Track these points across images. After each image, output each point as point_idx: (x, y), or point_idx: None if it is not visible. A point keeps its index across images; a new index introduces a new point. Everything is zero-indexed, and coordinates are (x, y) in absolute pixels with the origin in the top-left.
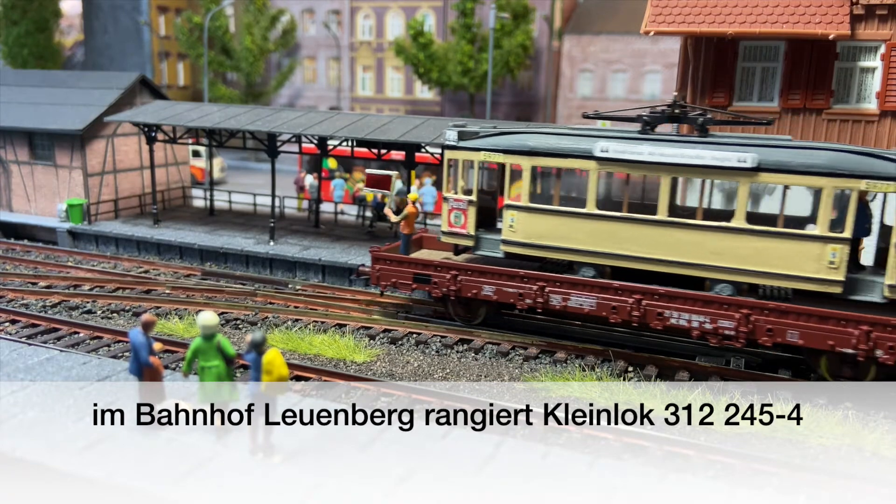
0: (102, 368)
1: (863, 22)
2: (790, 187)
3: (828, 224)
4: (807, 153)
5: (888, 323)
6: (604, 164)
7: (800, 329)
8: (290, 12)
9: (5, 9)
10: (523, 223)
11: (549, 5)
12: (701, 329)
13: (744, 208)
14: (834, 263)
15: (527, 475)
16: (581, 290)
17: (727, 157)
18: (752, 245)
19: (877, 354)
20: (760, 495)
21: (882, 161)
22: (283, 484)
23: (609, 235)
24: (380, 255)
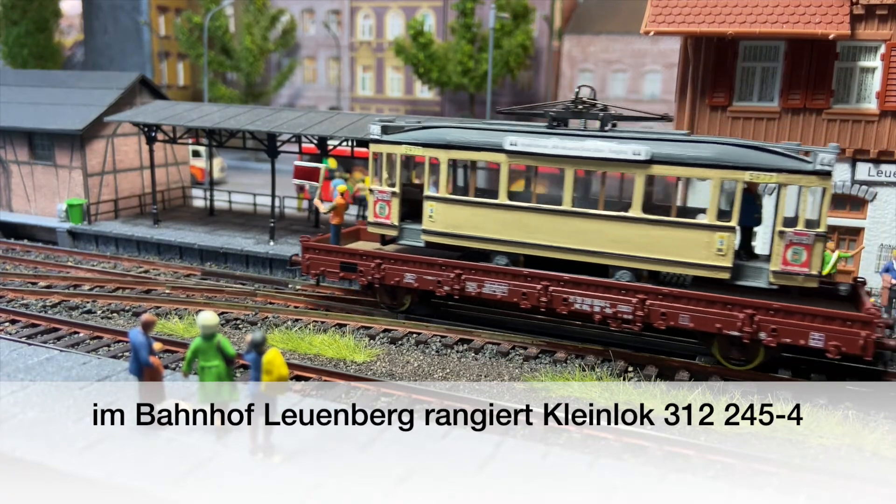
0: (102, 368)
1: (863, 22)
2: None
3: (716, 213)
4: (696, 147)
5: (769, 307)
6: (513, 157)
7: (690, 313)
8: (290, 12)
9: (5, 9)
10: (442, 214)
11: (549, 5)
12: (602, 313)
13: (640, 199)
14: (722, 250)
15: (527, 475)
16: (494, 277)
17: (623, 149)
18: (647, 234)
19: (760, 337)
20: (760, 495)
21: (765, 154)
22: (283, 484)
23: (519, 225)
24: (309, 244)
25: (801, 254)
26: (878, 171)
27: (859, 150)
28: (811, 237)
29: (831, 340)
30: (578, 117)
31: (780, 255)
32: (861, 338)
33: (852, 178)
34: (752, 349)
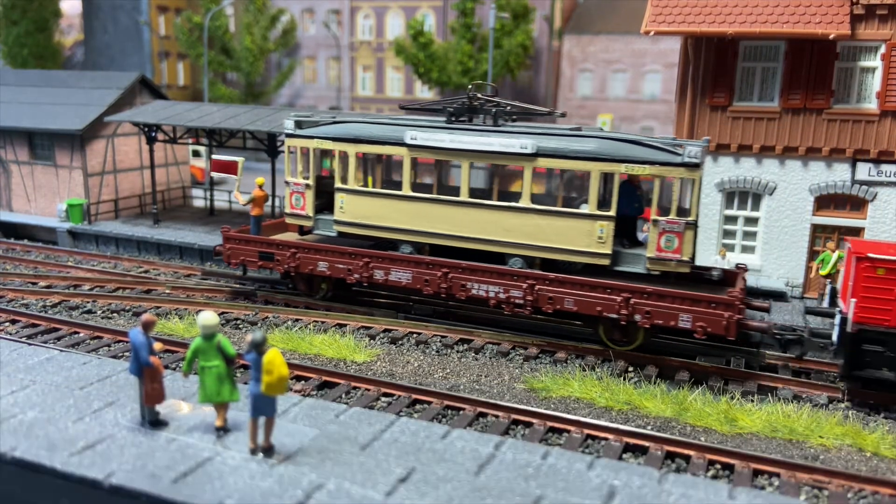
0: (102, 368)
1: (863, 22)
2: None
3: (596, 203)
4: (578, 140)
5: (644, 291)
6: (413, 151)
7: (574, 297)
8: (290, 12)
9: (5, 9)
10: (351, 205)
11: (549, 5)
12: (497, 298)
13: (528, 190)
14: (602, 238)
15: (527, 475)
16: (399, 265)
17: (511, 143)
18: (535, 223)
19: (636, 319)
20: (760, 495)
21: (639, 147)
22: (283, 484)
23: (422, 215)
24: (229, 235)
25: (674, 241)
26: (878, 171)
27: (859, 150)
28: (682, 225)
29: (698, 321)
30: (473, 113)
31: (655, 243)
32: (724, 319)
33: (852, 178)
34: (632, 331)
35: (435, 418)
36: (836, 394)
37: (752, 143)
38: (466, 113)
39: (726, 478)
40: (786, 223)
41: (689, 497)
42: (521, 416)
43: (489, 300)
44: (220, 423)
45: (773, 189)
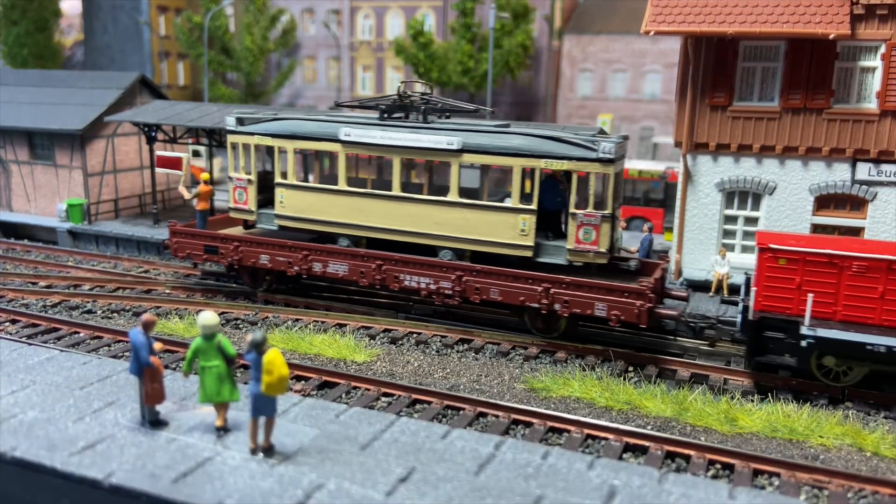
0: (103, 368)
1: (863, 22)
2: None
3: (519, 197)
4: (501, 137)
5: (562, 281)
6: (347, 147)
7: (499, 288)
8: (290, 12)
9: (5, 9)
10: (291, 199)
11: (549, 5)
12: (428, 289)
13: (456, 184)
14: (524, 231)
15: (527, 475)
16: (336, 257)
17: (439, 140)
18: (463, 216)
19: (555, 308)
20: (761, 495)
21: (558, 143)
22: (284, 484)
23: (358, 209)
24: (176, 229)
25: (591, 233)
26: (878, 171)
27: (859, 149)
28: (598, 218)
29: (612, 310)
30: (404, 110)
31: (574, 235)
32: (636, 307)
33: (852, 177)
34: (554, 320)
35: (435, 418)
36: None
37: (752, 143)
38: (398, 110)
39: (726, 477)
40: (786, 223)
41: (689, 497)
42: (522, 415)
43: (420, 291)
44: (220, 422)
45: (773, 189)
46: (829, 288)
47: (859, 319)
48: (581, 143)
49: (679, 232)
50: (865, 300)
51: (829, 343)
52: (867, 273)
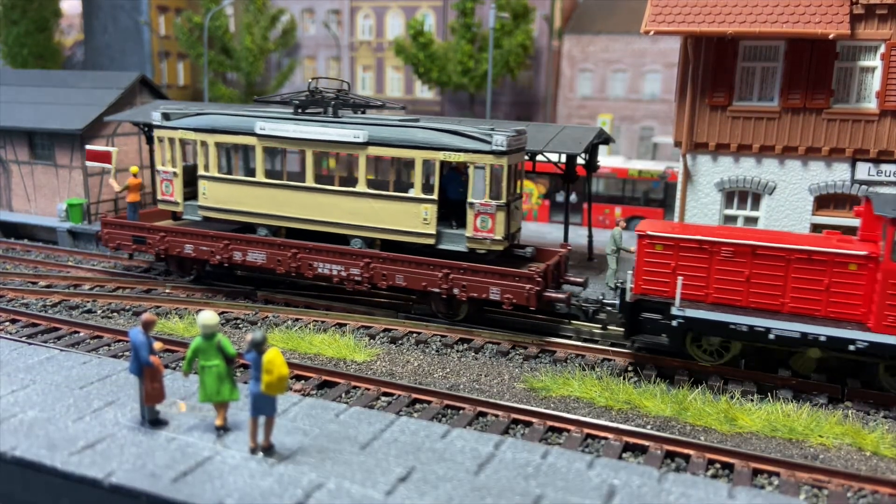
0: (103, 368)
1: (863, 21)
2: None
3: (421, 188)
4: (405, 131)
5: (459, 266)
6: (263, 140)
7: (404, 274)
8: (290, 12)
9: (5, 9)
10: (213, 191)
11: (549, 5)
12: (339, 276)
13: (364, 175)
14: (427, 220)
15: (527, 474)
16: (255, 246)
17: (346, 133)
18: (370, 206)
19: (455, 292)
20: (760, 494)
21: (455, 136)
22: (283, 483)
23: (274, 200)
24: (107, 220)
25: (487, 221)
26: (878, 171)
27: (859, 149)
28: (493, 207)
29: (505, 294)
30: (315, 105)
31: (472, 223)
32: (525, 291)
33: (852, 177)
34: (457, 304)
35: (435, 418)
36: (836, 393)
37: (751, 143)
38: (311, 105)
39: (726, 477)
40: (785, 223)
41: (688, 496)
42: (521, 415)
43: (333, 278)
44: (219, 422)
45: (773, 189)
46: (702, 272)
47: (729, 301)
48: (476, 136)
49: None
50: (733, 283)
51: (697, 323)
52: (734, 258)
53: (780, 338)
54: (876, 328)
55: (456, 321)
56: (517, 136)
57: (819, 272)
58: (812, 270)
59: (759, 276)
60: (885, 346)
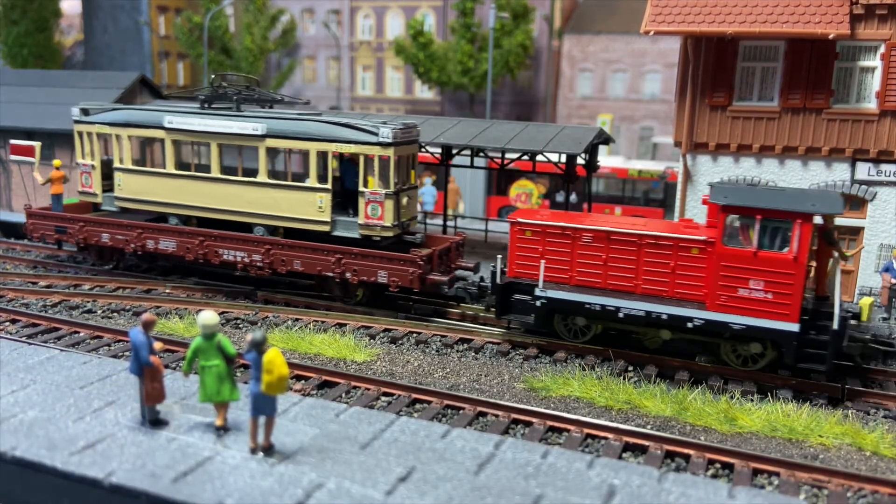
0: (103, 368)
1: (862, 21)
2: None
3: (316, 178)
4: (300, 123)
5: (351, 251)
6: (171, 133)
7: (301, 259)
8: (289, 12)
9: (5, 8)
10: (127, 183)
11: (549, 5)
12: (243, 262)
13: (264, 166)
14: (322, 208)
15: (527, 474)
16: (166, 235)
17: (246, 126)
18: (271, 195)
19: (347, 276)
20: (760, 494)
21: (345, 129)
22: (284, 483)
23: (184, 191)
24: (31, 211)
25: (377, 209)
26: (877, 171)
27: (859, 149)
28: (382, 196)
29: (392, 277)
30: (221, 100)
31: (363, 211)
32: (409, 274)
33: (852, 177)
34: (352, 288)
35: (435, 417)
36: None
37: (751, 143)
38: (216, 100)
39: (726, 477)
40: None
41: (688, 496)
42: (521, 415)
43: (237, 264)
44: (220, 422)
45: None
46: (566, 256)
47: (590, 283)
48: (365, 128)
49: None
50: (593, 266)
51: (557, 303)
52: (593, 243)
53: (628, 316)
54: (711, 307)
55: (352, 304)
56: (406, 129)
57: (666, 256)
58: (660, 254)
59: (615, 259)
60: (717, 324)
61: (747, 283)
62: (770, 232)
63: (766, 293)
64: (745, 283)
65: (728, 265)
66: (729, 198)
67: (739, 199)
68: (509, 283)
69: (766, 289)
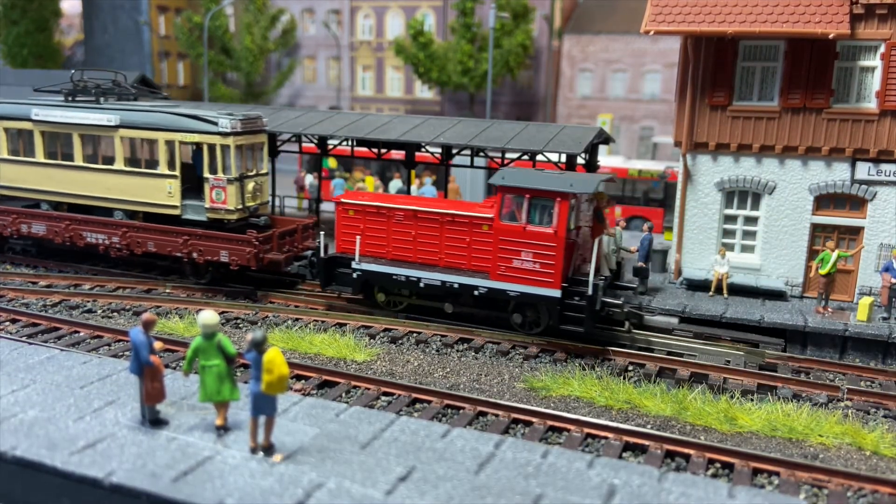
0: (103, 367)
1: (862, 21)
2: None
3: (166, 165)
4: (150, 115)
5: (196, 233)
6: (38, 125)
7: (154, 241)
8: (289, 12)
9: (5, 8)
10: (4, 171)
11: (549, 5)
12: (104, 245)
13: (120, 155)
14: (171, 193)
15: (527, 474)
16: (37, 220)
17: (102, 118)
18: (127, 182)
19: (194, 256)
20: (760, 494)
21: (188, 119)
22: (284, 483)
23: (52, 178)
24: None
25: (221, 194)
26: (877, 171)
27: (859, 149)
28: (224, 181)
29: (232, 256)
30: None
31: (209, 196)
32: (246, 253)
33: (852, 177)
34: (203, 268)
35: (435, 417)
36: (836, 393)
37: (751, 143)
38: (79, 94)
39: (726, 476)
40: (785, 223)
41: (688, 496)
42: (521, 415)
43: (99, 246)
44: (220, 422)
45: (773, 188)
46: (382, 233)
47: (403, 257)
48: (207, 119)
49: (679, 231)
50: (405, 242)
51: (371, 274)
52: (404, 221)
53: (428, 286)
54: (493, 277)
55: (203, 284)
56: (248, 120)
57: (463, 232)
58: (458, 230)
59: (422, 235)
60: (497, 291)
61: (520, 255)
62: (538, 209)
63: (535, 263)
64: (518, 255)
65: (504, 239)
66: (505, 179)
67: (513, 180)
68: (333, 258)
69: (534, 259)
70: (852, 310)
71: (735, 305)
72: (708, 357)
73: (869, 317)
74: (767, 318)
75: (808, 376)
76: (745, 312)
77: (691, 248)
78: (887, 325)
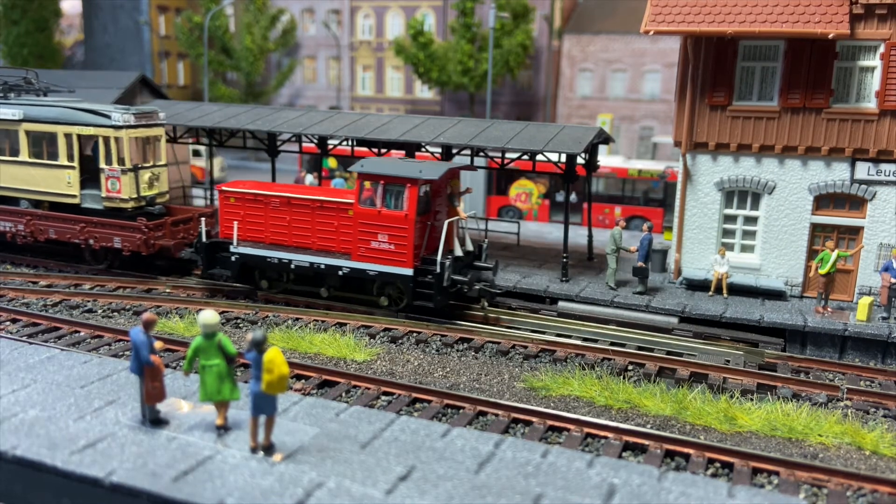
0: (103, 367)
1: (862, 21)
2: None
3: (65, 157)
4: (51, 109)
5: (91, 221)
6: None
7: (54, 228)
8: (290, 12)
9: (5, 8)
10: None
11: (549, 5)
12: (11, 232)
13: (25, 147)
14: (70, 183)
15: (527, 473)
16: None
17: (6, 112)
18: (31, 173)
19: (91, 242)
20: (760, 493)
21: (84, 113)
22: (284, 482)
23: None
24: None
25: (116, 184)
26: (877, 171)
27: (858, 149)
28: (119, 171)
29: (124, 242)
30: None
31: (104, 186)
32: (136, 239)
33: (851, 177)
34: (101, 254)
35: (435, 417)
36: (835, 392)
37: (751, 143)
38: None
39: (726, 476)
40: (785, 222)
41: (688, 495)
42: (521, 414)
43: (7, 234)
44: (220, 421)
45: (773, 188)
46: (261, 219)
47: (280, 242)
48: (101, 112)
49: (679, 231)
50: (281, 227)
51: (247, 258)
52: (280, 207)
53: (298, 267)
54: (355, 258)
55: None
56: (143, 114)
57: (331, 217)
58: (327, 216)
59: (296, 221)
60: (359, 270)
61: (377, 237)
62: (392, 195)
63: (390, 244)
64: (376, 237)
65: (363, 222)
66: (364, 167)
67: (370, 167)
68: (215, 243)
69: (389, 241)
70: (852, 309)
71: (735, 305)
72: (707, 357)
73: (868, 316)
74: (767, 317)
75: (807, 376)
76: (745, 312)
77: (691, 247)
78: (887, 325)
